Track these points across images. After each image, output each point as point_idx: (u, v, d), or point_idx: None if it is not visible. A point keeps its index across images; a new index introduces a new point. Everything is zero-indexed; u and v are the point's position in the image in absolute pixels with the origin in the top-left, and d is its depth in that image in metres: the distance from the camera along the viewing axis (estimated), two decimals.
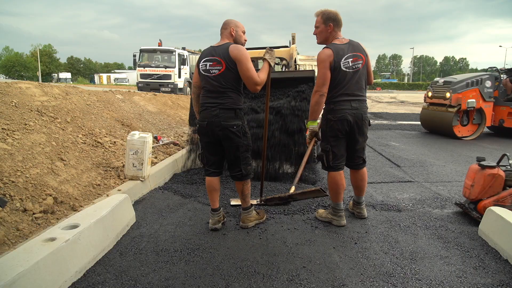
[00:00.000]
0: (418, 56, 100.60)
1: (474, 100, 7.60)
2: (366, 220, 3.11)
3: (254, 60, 5.58)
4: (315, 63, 2.93)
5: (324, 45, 2.86)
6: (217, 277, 2.18)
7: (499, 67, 8.60)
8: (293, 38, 6.45)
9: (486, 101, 7.81)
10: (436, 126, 8.47)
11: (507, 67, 8.70)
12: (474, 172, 3.10)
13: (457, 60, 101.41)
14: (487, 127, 8.33)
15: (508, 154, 3.18)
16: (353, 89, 2.80)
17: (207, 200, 3.38)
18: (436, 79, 8.88)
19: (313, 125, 2.91)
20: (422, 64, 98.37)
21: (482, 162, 3.07)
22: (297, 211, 3.30)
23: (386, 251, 2.53)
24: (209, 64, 2.70)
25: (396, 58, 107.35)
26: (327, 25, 2.83)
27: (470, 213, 3.11)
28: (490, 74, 8.01)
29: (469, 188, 3.13)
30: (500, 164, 3.15)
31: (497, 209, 2.69)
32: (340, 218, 2.97)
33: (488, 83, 7.82)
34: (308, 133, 2.98)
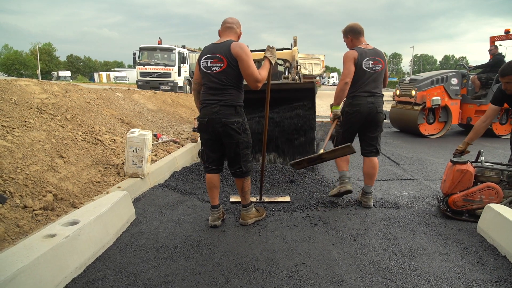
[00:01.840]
0: (418, 55, 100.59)
1: (439, 97, 7.49)
2: (366, 217, 3.12)
3: (259, 61, 5.66)
4: (315, 61, 3.10)
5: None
6: (216, 273, 2.19)
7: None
8: (295, 41, 6.72)
9: (452, 98, 7.70)
10: (403, 124, 8.41)
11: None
12: (447, 167, 3.21)
13: (457, 58, 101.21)
14: (457, 124, 8.25)
15: (482, 151, 3.27)
16: (371, 87, 3.22)
17: (207, 197, 3.39)
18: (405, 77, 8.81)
19: (336, 109, 3.26)
20: (422, 62, 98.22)
21: (454, 158, 3.16)
22: (296, 208, 3.31)
23: (385, 247, 2.54)
24: (210, 61, 2.70)
25: (396, 57, 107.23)
26: (347, 37, 3.37)
27: (440, 205, 3.21)
28: (456, 71, 7.90)
29: (443, 183, 3.24)
30: (478, 160, 3.26)
31: (495, 206, 2.70)
32: (346, 184, 3.34)
33: (454, 81, 7.70)
34: (331, 115, 3.38)
